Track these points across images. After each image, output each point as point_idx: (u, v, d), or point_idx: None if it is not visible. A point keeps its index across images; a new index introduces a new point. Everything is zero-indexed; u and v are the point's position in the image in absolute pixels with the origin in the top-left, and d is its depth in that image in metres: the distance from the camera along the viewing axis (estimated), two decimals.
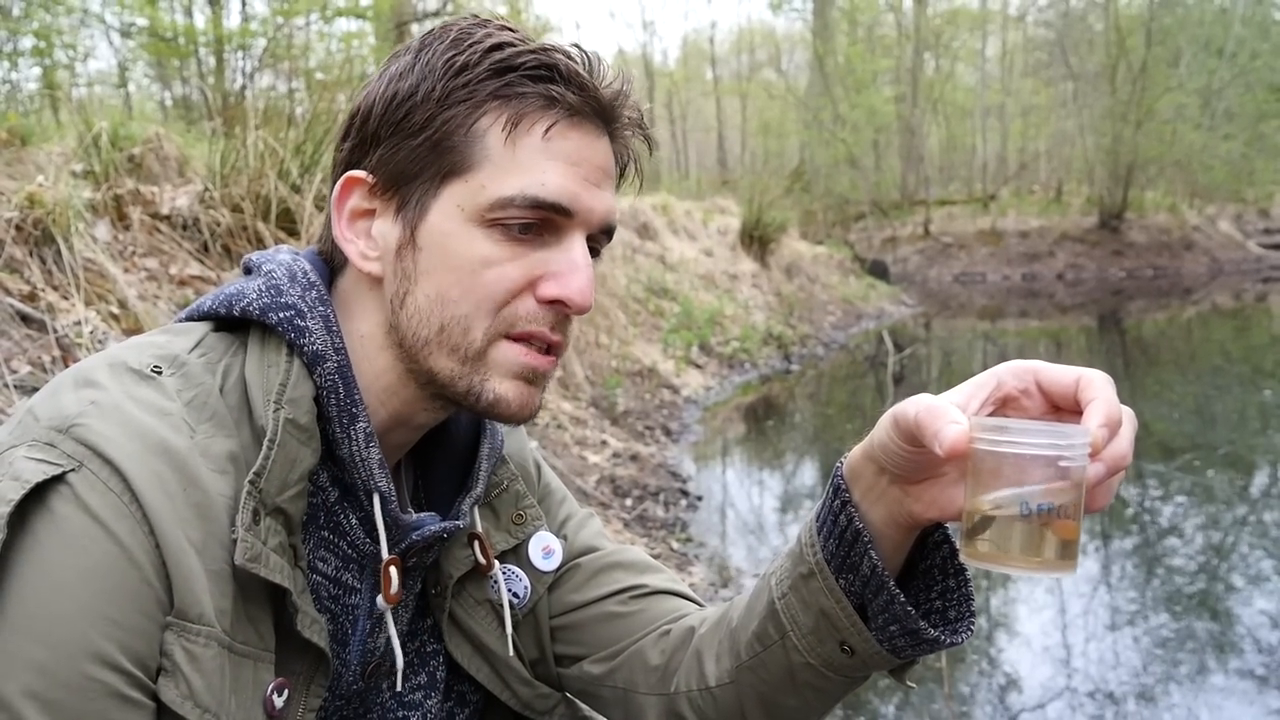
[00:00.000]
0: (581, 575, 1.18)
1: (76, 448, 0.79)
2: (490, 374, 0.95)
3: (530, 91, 0.92)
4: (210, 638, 0.80)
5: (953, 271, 25.26)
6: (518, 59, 0.93)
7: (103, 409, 0.82)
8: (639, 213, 12.43)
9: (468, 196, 0.92)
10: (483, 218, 0.92)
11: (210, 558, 0.81)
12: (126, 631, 0.76)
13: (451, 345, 0.94)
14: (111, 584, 0.76)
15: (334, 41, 12.66)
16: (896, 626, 0.93)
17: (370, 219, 0.98)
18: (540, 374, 0.97)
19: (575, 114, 0.94)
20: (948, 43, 31.87)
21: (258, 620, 0.86)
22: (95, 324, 3.26)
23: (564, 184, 0.93)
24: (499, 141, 0.92)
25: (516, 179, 0.92)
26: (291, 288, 0.96)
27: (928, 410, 0.82)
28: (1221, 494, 6.08)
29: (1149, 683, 3.70)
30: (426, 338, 0.94)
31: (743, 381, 10.02)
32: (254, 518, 0.84)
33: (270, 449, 0.86)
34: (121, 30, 12.78)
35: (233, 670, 0.83)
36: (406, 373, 0.97)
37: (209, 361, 0.92)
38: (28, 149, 4.22)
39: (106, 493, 0.78)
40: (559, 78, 0.93)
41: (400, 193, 0.95)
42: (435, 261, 0.93)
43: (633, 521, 5.16)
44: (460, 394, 0.96)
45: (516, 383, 0.96)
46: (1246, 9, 28.68)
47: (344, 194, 0.98)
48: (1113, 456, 0.79)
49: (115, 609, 0.76)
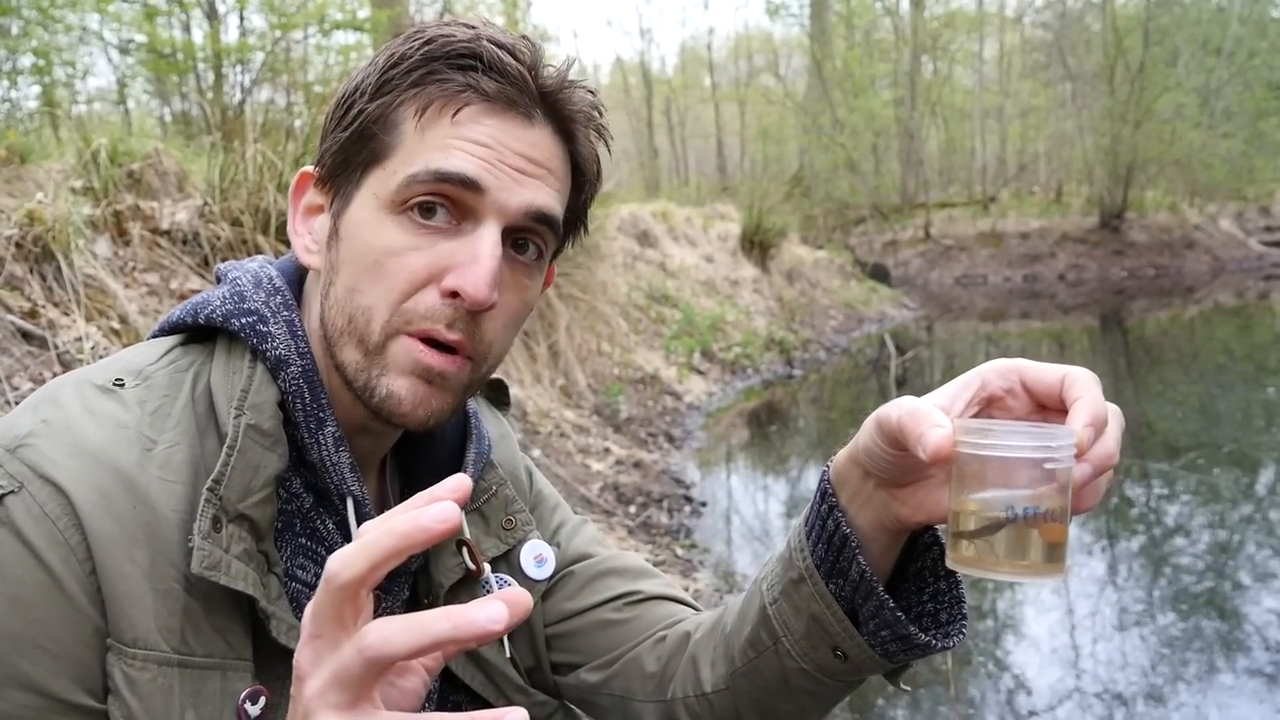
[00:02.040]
0: (575, 583, 1.17)
1: (20, 468, 0.79)
2: (386, 369, 0.91)
3: (450, 79, 0.90)
4: (148, 660, 0.79)
5: (954, 274, 25.22)
6: (445, 47, 0.91)
7: (53, 428, 0.82)
8: (639, 220, 12.44)
9: (382, 183, 0.91)
10: (394, 203, 0.90)
11: (159, 576, 0.81)
12: (58, 659, 0.76)
13: (358, 338, 0.91)
14: (40, 613, 0.77)
15: (332, 55, 12.68)
16: (887, 631, 0.93)
17: (321, 214, 0.98)
18: (439, 374, 0.91)
19: (493, 100, 0.90)
20: (945, 45, 31.83)
21: (226, 630, 0.85)
22: (96, 340, 3.26)
23: (469, 160, 0.89)
24: (411, 127, 0.90)
25: (422, 158, 0.89)
26: (255, 293, 0.96)
27: (910, 414, 0.80)
28: (1226, 492, 6.06)
29: (1157, 683, 3.68)
30: (341, 327, 0.92)
31: (745, 387, 10.02)
32: (214, 525, 0.83)
33: (230, 455, 0.86)
34: (120, 47, 12.82)
35: (191, 685, 0.82)
36: (334, 369, 0.95)
37: (176, 370, 0.92)
38: (27, 166, 4.23)
39: (42, 518, 0.78)
40: (481, 65, 0.90)
41: (334, 185, 0.95)
42: (350, 252, 0.92)
43: (637, 528, 5.16)
44: (360, 389, 0.92)
45: (411, 379, 0.91)
46: (1244, 7, 28.65)
47: (298, 191, 0.99)
48: (1099, 457, 0.78)
49: (45, 637, 0.76)
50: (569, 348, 7.32)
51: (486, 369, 0.97)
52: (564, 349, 7.24)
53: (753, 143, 37.14)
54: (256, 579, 0.86)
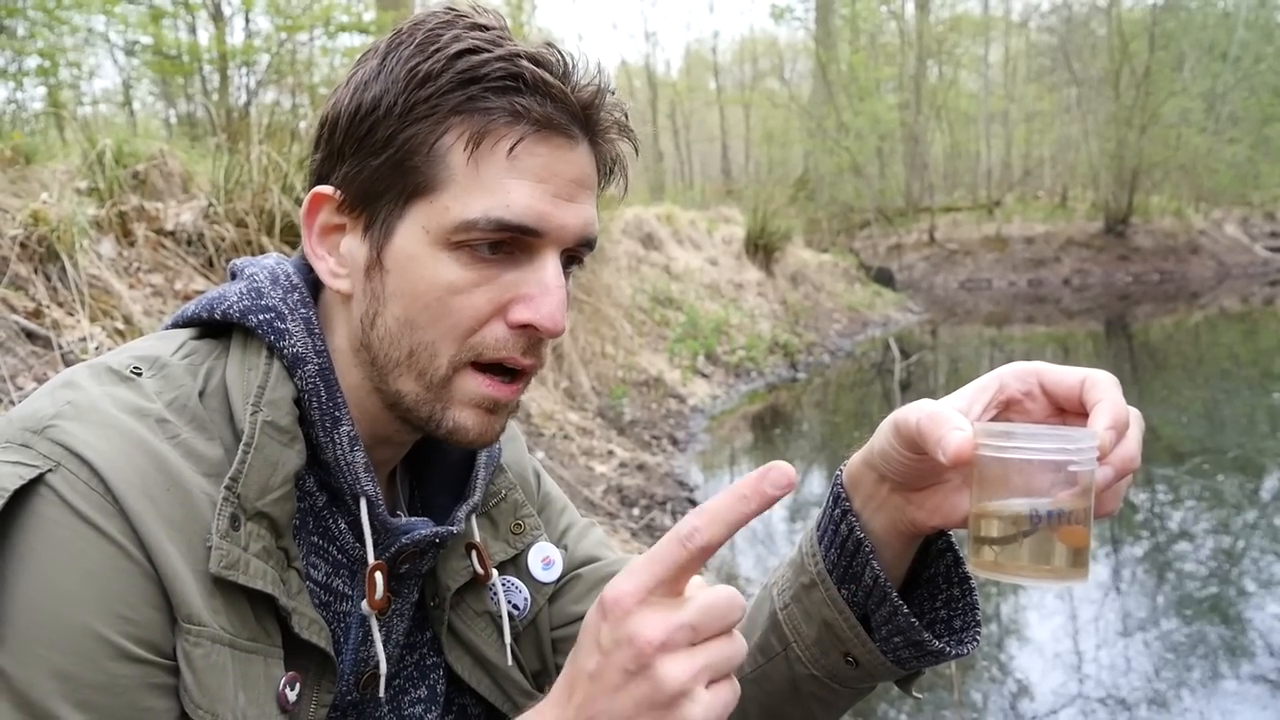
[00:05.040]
0: (583, 585, 1.16)
1: (52, 448, 0.78)
2: (451, 402, 0.92)
3: (495, 105, 0.87)
4: (202, 636, 0.79)
5: (958, 278, 25.21)
6: (483, 69, 0.87)
7: (79, 409, 0.81)
8: (644, 223, 12.44)
9: (432, 218, 0.88)
10: (448, 240, 0.88)
11: (198, 557, 0.81)
12: (140, 626, 0.76)
13: (419, 370, 0.91)
14: (117, 584, 0.76)
15: (337, 56, 12.70)
16: (900, 638, 0.92)
17: (340, 234, 0.95)
18: (502, 404, 0.94)
19: (543, 127, 0.88)
20: (950, 49, 31.85)
21: (263, 618, 0.85)
22: (100, 340, 3.26)
23: (530, 203, 0.88)
24: (462, 161, 0.87)
25: (480, 201, 0.87)
26: (273, 290, 0.95)
27: (930, 417, 0.79)
28: (1231, 498, 6.04)
29: (1161, 688, 3.67)
30: (397, 359, 0.91)
31: (749, 390, 10.01)
32: (232, 523, 0.82)
33: (246, 453, 0.85)
34: (126, 49, 12.86)
35: (241, 666, 0.82)
36: (375, 391, 0.95)
37: (191, 364, 0.91)
38: (32, 167, 4.23)
39: (90, 493, 0.77)
40: (525, 87, 0.87)
41: (367, 211, 0.92)
42: (402, 286, 0.90)
43: (640, 531, 5.15)
44: (422, 419, 0.93)
45: (477, 411, 0.92)
46: (1250, 12, 28.64)
47: (313, 210, 0.96)
48: (1121, 459, 0.77)
49: (125, 606, 0.76)
50: (573, 350, 7.32)
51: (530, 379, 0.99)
52: (568, 351, 7.24)
53: (757, 146, 37.17)
54: (276, 576, 0.86)
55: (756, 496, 0.71)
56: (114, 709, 0.75)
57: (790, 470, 0.70)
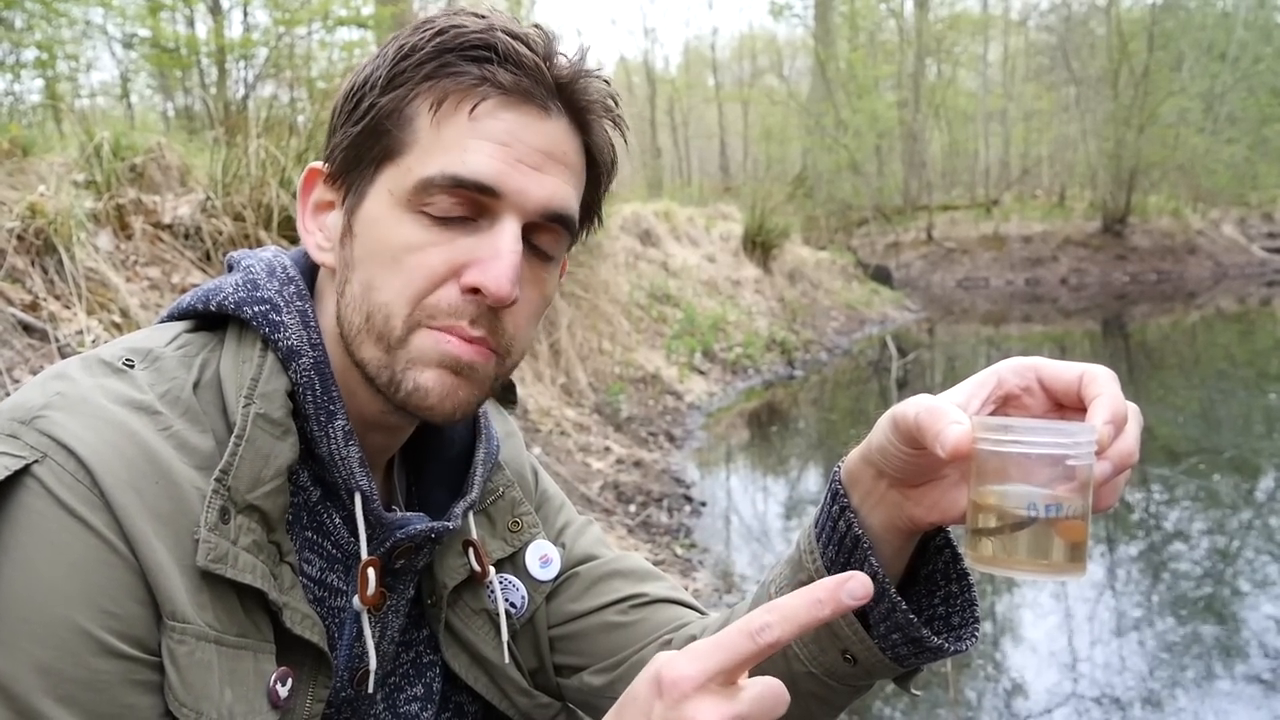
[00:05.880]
0: (580, 584, 1.16)
1: (40, 439, 0.78)
2: (412, 363, 0.89)
3: (464, 71, 0.88)
4: (186, 633, 0.78)
5: (956, 277, 25.22)
6: (457, 40, 0.88)
7: (69, 400, 0.81)
8: (642, 219, 12.43)
9: (396, 180, 0.89)
10: (410, 202, 0.88)
11: (185, 551, 0.80)
12: (123, 621, 0.76)
13: (377, 333, 0.90)
14: (101, 577, 0.76)
15: (336, 50, 12.69)
16: (899, 635, 0.91)
17: (331, 210, 0.96)
18: (468, 365, 0.90)
19: (510, 93, 0.88)
20: (949, 48, 31.83)
21: (253, 612, 0.85)
22: (98, 333, 3.25)
23: (488, 162, 0.87)
24: (427, 123, 0.88)
25: (439, 159, 0.87)
26: (269, 282, 0.94)
27: (928, 411, 0.79)
28: (1227, 498, 6.05)
29: (1155, 688, 3.68)
30: (359, 325, 0.91)
31: (746, 387, 10.01)
32: (221, 516, 0.82)
33: (238, 445, 0.84)
34: (124, 41, 12.84)
35: (227, 663, 0.81)
36: (354, 366, 0.93)
37: (185, 356, 0.90)
38: (30, 159, 4.22)
39: (75, 484, 0.77)
40: (497, 57, 0.88)
41: (346, 181, 0.93)
42: (366, 249, 0.90)
43: (636, 528, 5.15)
44: (384, 385, 0.91)
45: (440, 372, 0.90)
46: (1249, 13, 28.64)
47: (307, 187, 0.97)
48: (1119, 454, 0.77)
49: (108, 600, 0.76)
50: (570, 346, 7.32)
51: (510, 363, 0.96)
52: (565, 347, 7.23)
53: (756, 143, 37.16)
54: (266, 571, 0.85)
55: (832, 603, 0.70)
56: (97, 704, 0.74)
57: (869, 583, 0.70)
